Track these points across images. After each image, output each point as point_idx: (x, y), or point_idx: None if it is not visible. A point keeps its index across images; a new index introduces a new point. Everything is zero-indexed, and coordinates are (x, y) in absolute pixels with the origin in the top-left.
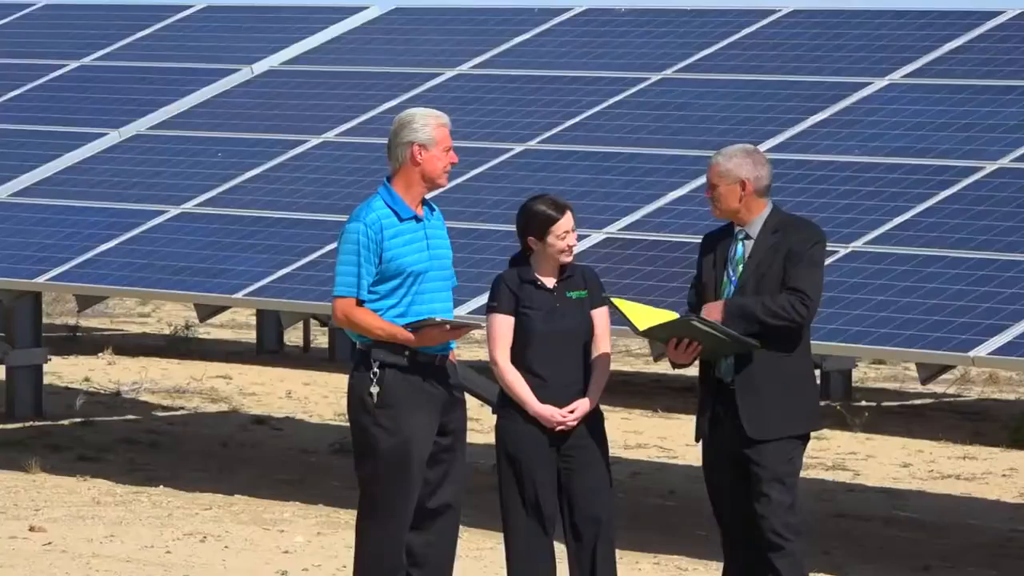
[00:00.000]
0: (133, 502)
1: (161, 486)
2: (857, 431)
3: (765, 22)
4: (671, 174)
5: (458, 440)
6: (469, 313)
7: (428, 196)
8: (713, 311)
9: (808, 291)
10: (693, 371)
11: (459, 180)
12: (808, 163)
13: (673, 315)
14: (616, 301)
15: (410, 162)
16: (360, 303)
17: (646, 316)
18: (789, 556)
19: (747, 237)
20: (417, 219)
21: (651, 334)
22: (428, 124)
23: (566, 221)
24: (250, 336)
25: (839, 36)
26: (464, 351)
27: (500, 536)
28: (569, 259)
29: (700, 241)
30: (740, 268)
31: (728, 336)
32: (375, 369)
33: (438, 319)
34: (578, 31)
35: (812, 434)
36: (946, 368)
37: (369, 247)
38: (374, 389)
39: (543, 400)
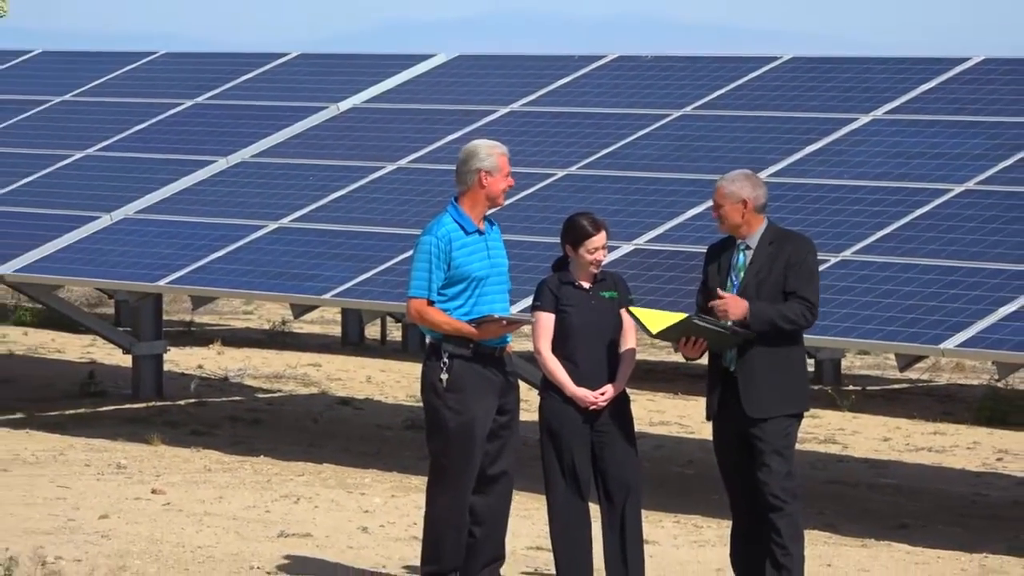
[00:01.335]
0: (238, 469)
1: (262, 456)
2: (845, 411)
3: (768, 68)
4: (689, 195)
5: (513, 418)
6: (521, 311)
7: (488, 213)
8: (737, 307)
9: (813, 299)
10: (706, 360)
11: (512, 200)
12: (804, 186)
13: (682, 316)
14: (632, 309)
15: (477, 185)
16: (431, 303)
17: (658, 320)
18: (787, 516)
19: (747, 247)
20: (480, 233)
21: (663, 336)
22: (492, 154)
23: (599, 238)
24: (336, 331)
25: (830, 79)
26: (517, 344)
27: (544, 499)
28: (595, 271)
29: (705, 251)
30: (742, 274)
31: (727, 329)
32: (444, 359)
33: (496, 316)
34: (611, 75)
35: (806, 413)
36: (920, 358)
37: (439, 256)
38: (443, 376)
39: (578, 384)
